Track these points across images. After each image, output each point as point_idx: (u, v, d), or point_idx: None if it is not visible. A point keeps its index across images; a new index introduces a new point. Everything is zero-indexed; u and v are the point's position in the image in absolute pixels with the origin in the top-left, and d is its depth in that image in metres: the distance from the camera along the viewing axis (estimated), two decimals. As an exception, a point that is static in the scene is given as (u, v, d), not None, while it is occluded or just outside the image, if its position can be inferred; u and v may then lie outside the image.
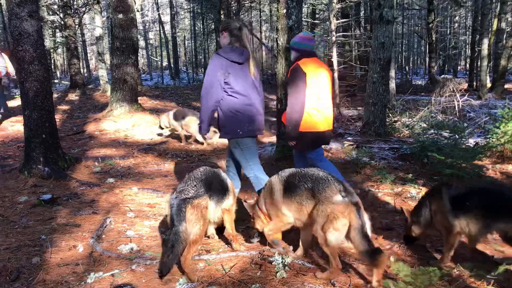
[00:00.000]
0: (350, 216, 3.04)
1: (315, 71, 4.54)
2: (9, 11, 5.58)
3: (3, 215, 4.48)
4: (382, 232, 4.11)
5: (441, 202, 3.39)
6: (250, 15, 30.56)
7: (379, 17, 7.57)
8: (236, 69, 4.02)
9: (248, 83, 4.11)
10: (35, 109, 5.76)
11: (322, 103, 4.61)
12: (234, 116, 4.07)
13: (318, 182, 3.23)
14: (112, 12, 10.57)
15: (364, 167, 6.24)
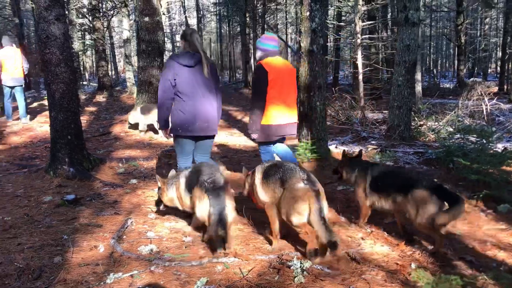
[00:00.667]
0: (309, 201, 3.47)
1: (277, 69, 4.91)
2: (37, 14, 5.72)
3: (28, 214, 4.58)
4: (403, 238, 4.04)
5: (364, 180, 4.16)
6: (275, 18, 30.57)
7: (405, 19, 7.46)
8: (184, 72, 4.44)
9: (198, 85, 4.50)
10: (61, 110, 5.88)
11: (283, 98, 4.99)
12: (177, 115, 4.53)
13: (286, 172, 3.70)
14: (138, 15, 10.71)
15: (388, 171, 6.15)
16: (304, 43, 6.46)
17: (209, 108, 4.58)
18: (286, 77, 5.05)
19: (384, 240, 4.00)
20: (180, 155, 4.79)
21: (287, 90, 5.06)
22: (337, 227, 4.32)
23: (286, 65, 5.12)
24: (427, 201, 3.63)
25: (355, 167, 4.43)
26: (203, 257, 3.59)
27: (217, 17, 32.89)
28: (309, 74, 6.50)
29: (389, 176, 4.10)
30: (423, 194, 3.66)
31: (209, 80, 4.57)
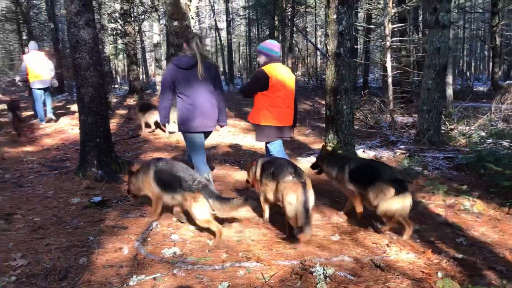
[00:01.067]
0: (297, 192, 3.86)
1: (279, 74, 5.21)
2: (68, 20, 5.85)
3: (57, 215, 4.68)
4: (430, 245, 3.94)
5: (343, 172, 4.56)
6: (305, 20, 30.47)
7: (435, 21, 7.30)
8: (183, 74, 4.87)
9: (195, 85, 4.91)
10: (90, 114, 6.00)
11: (282, 102, 5.28)
12: (181, 114, 4.97)
13: (278, 167, 4.15)
14: (167, 20, 10.83)
15: (416, 177, 6.04)
16: (331, 46, 6.41)
17: (206, 107, 4.97)
18: (288, 83, 5.33)
19: (410, 247, 3.92)
20: (191, 150, 5.18)
21: (289, 95, 5.35)
22: (362, 233, 4.26)
23: (287, 71, 5.41)
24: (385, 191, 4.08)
25: (334, 161, 4.80)
26: (226, 261, 3.60)
27: (246, 20, 33.00)
28: (336, 77, 6.44)
29: (363, 169, 4.51)
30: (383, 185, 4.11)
31: (207, 80, 4.95)
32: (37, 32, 25.03)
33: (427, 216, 4.75)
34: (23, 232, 4.21)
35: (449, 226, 4.45)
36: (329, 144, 6.64)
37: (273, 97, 5.22)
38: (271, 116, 5.26)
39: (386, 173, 4.20)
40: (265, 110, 5.26)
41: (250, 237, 4.14)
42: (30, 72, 10.74)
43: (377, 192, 4.14)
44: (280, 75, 5.24)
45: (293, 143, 9.26)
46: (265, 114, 5.27)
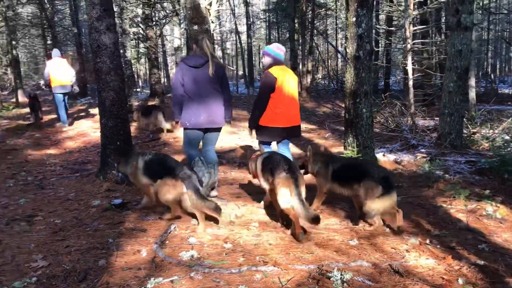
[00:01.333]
0: (290, 187, 4.13)
1: (284, 76, 5.35)
2: (89, 25, 5.96)
3: (77, 217, 4.76)
4: (450, 251, 3.87)
5: (326, 171, 4.80)
6: (325, 23, 30.36)
7: (457, 23, 7.19)
8: (191, 72, 5.07)
9: (203, 84, 5.09)
10: (111, 117, 6.08)
11: (287, 103, 5.40)
12: (185, 111, 5.13)
13: (274, 163, 4.42)
14: (187, 24, 10.92)
15: (437, 181, 5.94)
16: (350, 49, 6.37)
17: (213, 105, 5.17)
18: (291, 84, 5.47)
19: (429, 253, 3.85)
20: (186, 144, 5.41)
21: (293, 96, 5.49)
22: (381, 238, 4.21)
23: (291, 73, 5.55)
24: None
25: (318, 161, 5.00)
26: (242, 264, 3.59)
27: (266, 23, 33.06)
28: (355, 80, 6.40)
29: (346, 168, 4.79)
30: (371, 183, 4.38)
31: (214, 79, 5.14)
32: (61, 36, 25.53)
33: (448, 221, 4.67)
34: (44, 234, 4.29)
35: (471, 232, 4.36)
36: (349, 148, 6.59)
37: (277, 99, 5.35)
38: (276, 118, 5.37)
39: (373, 171, 4.45)
40: (269, 112, 5.37)
41: (267, 241, 4.13)
42: (52, 78, 11.21)
43: (365, 191, 4.39)
44: (285, 77, 5.38)
45: (312, 147, 9.21)
46: (270, 116, 5.38)
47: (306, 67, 20.35)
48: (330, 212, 5.06)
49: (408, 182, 6.06)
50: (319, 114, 14.79)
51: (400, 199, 5.38)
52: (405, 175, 6.36)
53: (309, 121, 13.09)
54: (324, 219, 4.84)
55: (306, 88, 20.12)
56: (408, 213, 4.88)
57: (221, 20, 34.18)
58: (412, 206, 5.16)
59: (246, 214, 4.99)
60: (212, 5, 12.18)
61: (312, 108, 16.43)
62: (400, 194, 5.55)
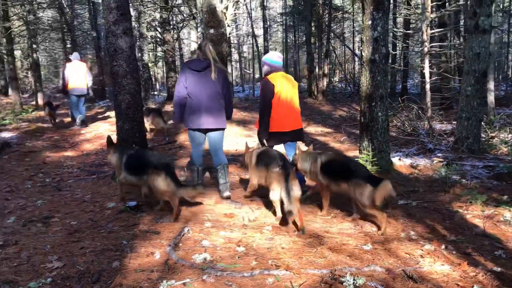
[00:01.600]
0: (280, 182, 4.53)
1: (281, 82, 5.54)
2: (106, 29, 6.05)
3: (93, 219, 4.82)
4: (466, 257, 3.81)
5: (316, 165, 5.06)
6: (342, 26, 30.25)
7: (474, 26, 7.10)
8: (194, 76, 5.30)
9: (205, 87, 5.32)
10: (126, 120, 6.16)
11: (286, 108, 5.58)
12: (188, 112, 5.37)
13: (269, 159, 4.81)
14: (204, 28, 10.98)
15: (454, 185, 5.86)
16: (366, 52, 6.33)
17: (214, 107, 5.38)
18: (290, 89, 5.64)
19: (444, 258, 3.80)
20: (192, 144, 5.69)
21: (292, 101, 5.65)
22: (396, 243, 4.17)
23: (289, 79, 5.73)
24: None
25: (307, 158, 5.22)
26: (255, 268, 3.59)
27: (283, 27, 33.07)
28: (371, 83, 6.35)
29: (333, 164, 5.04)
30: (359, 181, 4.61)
31: (216, 82, 5.37)
32: (80, 40, 25.87)
33: (464, 226, 4.60)
34: (60, 235, 4.35)
35: (487, 238, 4.28)
36: (364, 152, 6.55)
37: (277, 105, 5.53)
38: (276, 123, 5.57)
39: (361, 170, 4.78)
40: (272, 118, 5.56)
41: (280, 245, 4.13)
42: (69, 80, 11.68)
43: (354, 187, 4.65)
44: (282, 82, 5.57)
45: (328, 150, 9.18)
46: (272, 122, 5.57)
47: (322, 70, 20.28)
48: (344, 216, 5.03)
49: (424, 187, 5.99)
50: (335, 117, 14.73)
51: (416, 204, 5.34)
52: (421, 179, 6.29)
53: (325, 125, 13.04)
54: (338, 223, 4.83)
55: (322, 91, 20.06)
56: (424, 218, 4.83)
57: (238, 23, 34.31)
58: (427, 211, 5.10)
59: (259, 218, 4.99)
60: (229, 9, 12.23)
61: (328, 112, 16.38)
62: (415, 199, 5.51)
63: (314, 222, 4.85)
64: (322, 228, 4.65)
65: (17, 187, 6.42)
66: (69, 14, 21.94)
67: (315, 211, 5.25)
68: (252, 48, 36.83)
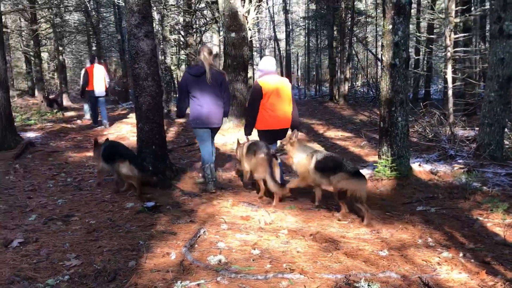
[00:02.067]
0: (265, 165, 5.55)
1: (271, 85, 5.95)
2: (128, 31, 6.13)
3: (111, 219, 4.89)
4: (485, 266, 3.75)
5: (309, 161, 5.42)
6: (365, 30, 30.05)
7: (499, 31, 6.97)
8: (194, 80, 5.94)
9: (204, 89, 5.95)
10: (147, 122, 6.22)
11: (275, 108, 5.97)
12: (193, 112, 6.03)
13: (257, 147, 5.74)
14: (225, 31, 11.08)
15: (474, 193, 5.76)
16: (386, 57, 6.28)
17: (212, 107, 6.01)
18: (280, 90, 6.00)
19: (462, 266, 3.74)
20: (200, 142, 6.31)
21: (281, 101, 6.01)
22: (413, 250, 4.13)
23: (281, 80, 6.11)
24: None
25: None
26: (269, 271, 3.59)
27: (306, 31, 33.03)
28: (391, 88, 6.30)
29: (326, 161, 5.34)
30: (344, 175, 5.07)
31: (214, 85, 5.98)
32: (106, 43, 26.32)
33: (484, 234, 4.52)
34: (79, 234, 4.42)
35: (508, 247, 4.20)
36: (383, 157, 6.49)
37: (266, 104, 5.95)
38: (265, 121, 6.01)
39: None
40: (260, 116, 6.01)
41: (295, 249, 4.12)
42: (90, 82, 12.35)
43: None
44: (272, 84, 5.96)
45: (348, 155, 9.13)
46: (259, 120, 6.03)
47: (344, 74, 20.17)
48: (361, 221, 4.99)
49: (443, 193, 5.90)
50: (356, 122, 14.63)
51: (435, 210, 5.27)
52: (441, 186, 6.20)
53: (345, 129, 12.96)
54: (354, 228, 4.80)
55: (343, 95, 19.95)
56: (442, 225, 4.77)
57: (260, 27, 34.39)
58: (446, 218, 5.03)
59: (275, 221, 5.00)
60: (250, 13, 12.30)
61: (349, 116, 16.28)
62: (434, 205, 5.44)
63: (331, 226, 4.83)
64: (338, 233, 4.63)
65: (40, 186, 6.56)
66: (95, 17, 22.36)
67: (332, 216, 5.23)
68: (274, 51, 36.88)
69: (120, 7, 22.25)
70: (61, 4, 18.79)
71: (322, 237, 4.41)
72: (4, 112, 8.91)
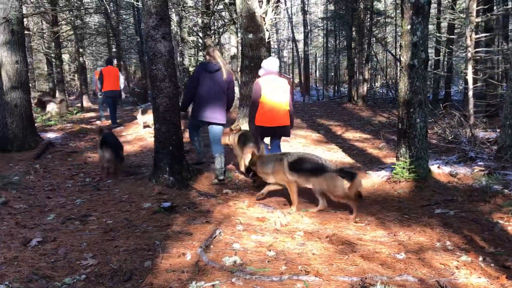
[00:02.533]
0: (252, 152, 5.99)
1: (269, 84, 6.38)
2: (146, 33, 6.19)
3: (128, 219, 4.93)
4: (505, 271, 3.66)
5: (282, 164, 5.51)
6: (384, 31, 29.78)
7: (521, 30, 6.85)
8: (206, 76, 6.48)
9: (214, 85, 6.53)
10: (164, 123, 6.26)
11: (272, 106, 6.40)
12: (196, 105, 6.61)
13: (247, 139, 6.77)
14: (243, 32, 11.07)
15: (495, 196, 5.64)
16: (404, 57, 6.21)
17: (217, 104, 6.58)
18: (278, 90, 6.44)
19: (482, 271, 3.66)
20: (190, 129, 7.33)
21: (278, 100, 6.43)
22: (430, 253, 4.06)
23: (279, 81, 6.55)
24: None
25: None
26: (284, 273, 3.57)
27: (324, 31, 32.90)
28: (409, 89, 6.22)
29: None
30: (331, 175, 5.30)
31: (224, 83, 6.58)
32: (125, 45, 26.61)
33: (504, 238, 4.42)
34: (96, 233, 4.47)
35: (529, 251, 4.11)
36: (401, 159, 6.41)
37: (265, 103, 6.37)
38: (261, 118, 6.43)
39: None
40: (258, 113, 6.42)
41: (311, 251, 4.09)
42: (104, 83, 12.96)
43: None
44: (271, 84, 6.39)
45: (365, 157, 9.05)
46: (258, 117, 6.44)
47: (363, 75, 20.02)
48: (378, 224, 4.94)
49: (463, 196, 5.80)
50: (374, 123, 14.50)
51: (453, 213, 5.18)
52: (460, 188, 6.09)
53: (363, 130, 12.86)
54: (371, 231, 4.75)
55: (362, 96, 19.80)
56: (461, 228, 4.68)
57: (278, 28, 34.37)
58: (465, 221, 4.93)
59: (291, 223, 4.98)
60: (268, 14, 12.29)
61: (368, 117, 16.14)
62: (453, 208, 5.35)
63: (347, 229, 4.79)
64: (355, 235, 4.58)
65: (59, 185, 6.66)
66: (115, 19, 22.63)
67: (348, 218, 5.19)
68: (292, 52, 36.85)
69: (139, 9, 22.46)
70: (82, 7, 19.07)
71: (338, 239, 4.37)
72: (25, 113, 9.08)
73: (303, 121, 14.83)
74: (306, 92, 29.66)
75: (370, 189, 6.44)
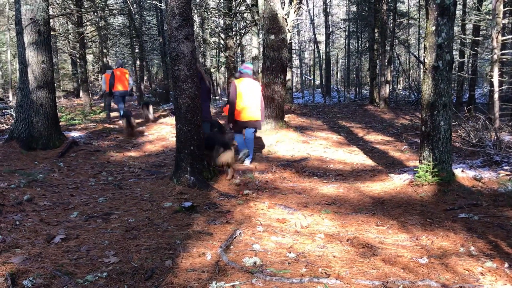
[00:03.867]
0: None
1: (243, 85, 7.89)
2: (169, 34, 6.23)
3: (149, 217, 4.97)
4: (531, 277, 3.57)
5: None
6: (407, 32, 29.43)
7: (550, 32, 6.68)
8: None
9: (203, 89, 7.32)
10: (186, 123, 6.29)
11: (246, 103, 7.87)
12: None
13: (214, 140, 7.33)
14: (264, 33, 11.08)
15: (521, 201, 5.52)
16: (429, 59, 6.11)
17: (208, 104, 7.83)
18: (251, 90, 7.92)
19: (507, 278, 3.58)
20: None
21: (251, 98, 7.90)
22: (454, 258, 3.99)
23: (252, 83, 8.01)
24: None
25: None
26: (304, 275, 3.55)
27: (346, 33, 32.69)
28: (433, 91, 6.13)
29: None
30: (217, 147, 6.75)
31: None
32: (148, 45, 26.87)
33: (531, 245, 4.32)
34: (118, 232, 4.51)
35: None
36: (424, 162, 6.32)
37: (239, 101, 7.83)
38: (238, 114, 7.88)
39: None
40: (235, 110, 7.85)
41: (332, 253, 4.07)
42: (115, 83, 13.76)
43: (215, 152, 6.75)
44: (245, 85, 7.88)
45: (387, 159, 8.95)
46: (235, 113, 7.88)
47: (385, 77, 19.79)
48: (400, 227, 4.87)
49: (487, 201, 5.68)
50: (396, 125, 14.33)
51: (478, 218, 5.08)
52: (485, 193, 5.97)
53: (385, 133, 12.72)
54: (393, 234, 4.69)
55: (384, 98, 19.58)
56: (486, 233, 4.59)
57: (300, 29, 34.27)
58: (490, 226, 4.83)
59: (312, 225, 4.95)
60: (290, 15, 12.26)
61: (390, 120, 15.96)
62: (477, 213, 5.25)
63: (369, 232, 4.74)
64: (376, 238, 4.53)
65: (82, 184, 6.76)
66: (138, 21, 22.86)
67: (370, 221, 5.13)
68: (313, 54, 36.70)
69: (162, 10, 22.68)
70: (106, 8, 19.33)
71: (359, 242, 4.33)
72: (50, 112, 9.25)
73: (324, 123, 14.74)
74: (327, 94, 29.48)
75: (392, 192, 6.37)
